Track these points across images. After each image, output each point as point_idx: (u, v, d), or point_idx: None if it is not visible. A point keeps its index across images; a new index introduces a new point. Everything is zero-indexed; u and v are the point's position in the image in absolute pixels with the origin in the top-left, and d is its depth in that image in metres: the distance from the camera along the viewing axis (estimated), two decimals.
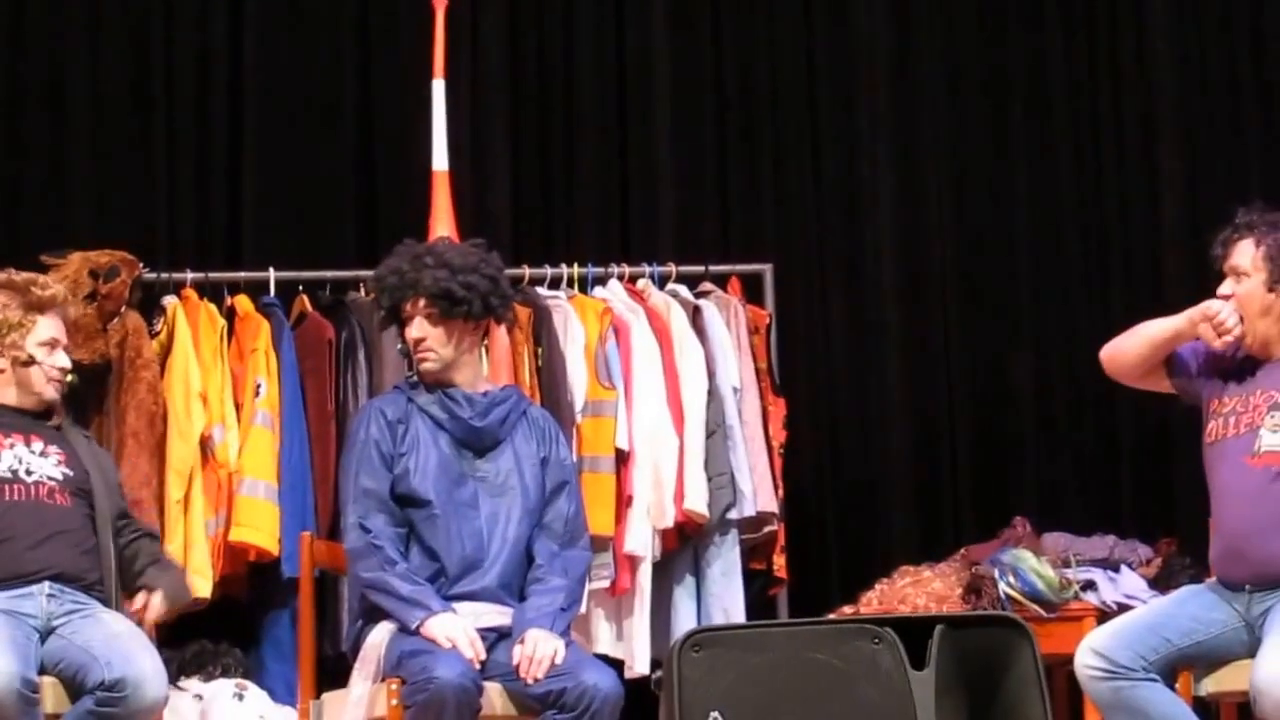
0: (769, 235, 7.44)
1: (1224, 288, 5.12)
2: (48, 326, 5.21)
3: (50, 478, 5.12)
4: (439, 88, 6.50)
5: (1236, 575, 5.01)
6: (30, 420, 5.19)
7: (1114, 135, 7.62)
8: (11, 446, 5.12)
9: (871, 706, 4.25)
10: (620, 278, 6.77)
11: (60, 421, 5.26)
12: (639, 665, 6.42)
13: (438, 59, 6.52)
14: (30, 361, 5.17)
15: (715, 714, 4.24)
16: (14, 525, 5.03)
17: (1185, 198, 7.48)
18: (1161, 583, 6.43)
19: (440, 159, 6.43)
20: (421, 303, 5.19)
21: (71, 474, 5.16)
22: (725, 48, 7.53)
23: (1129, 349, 5.22)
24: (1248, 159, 7.56)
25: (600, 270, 6.77)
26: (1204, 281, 5.23)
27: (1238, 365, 5.15)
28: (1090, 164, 7.62)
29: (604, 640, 6.49)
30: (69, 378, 5.24)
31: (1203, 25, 7.64)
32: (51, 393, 5.21)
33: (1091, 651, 4.94)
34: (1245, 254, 5.09)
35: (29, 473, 5.10)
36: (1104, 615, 6.19)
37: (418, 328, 5.20)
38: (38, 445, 5.15)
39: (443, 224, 6.36)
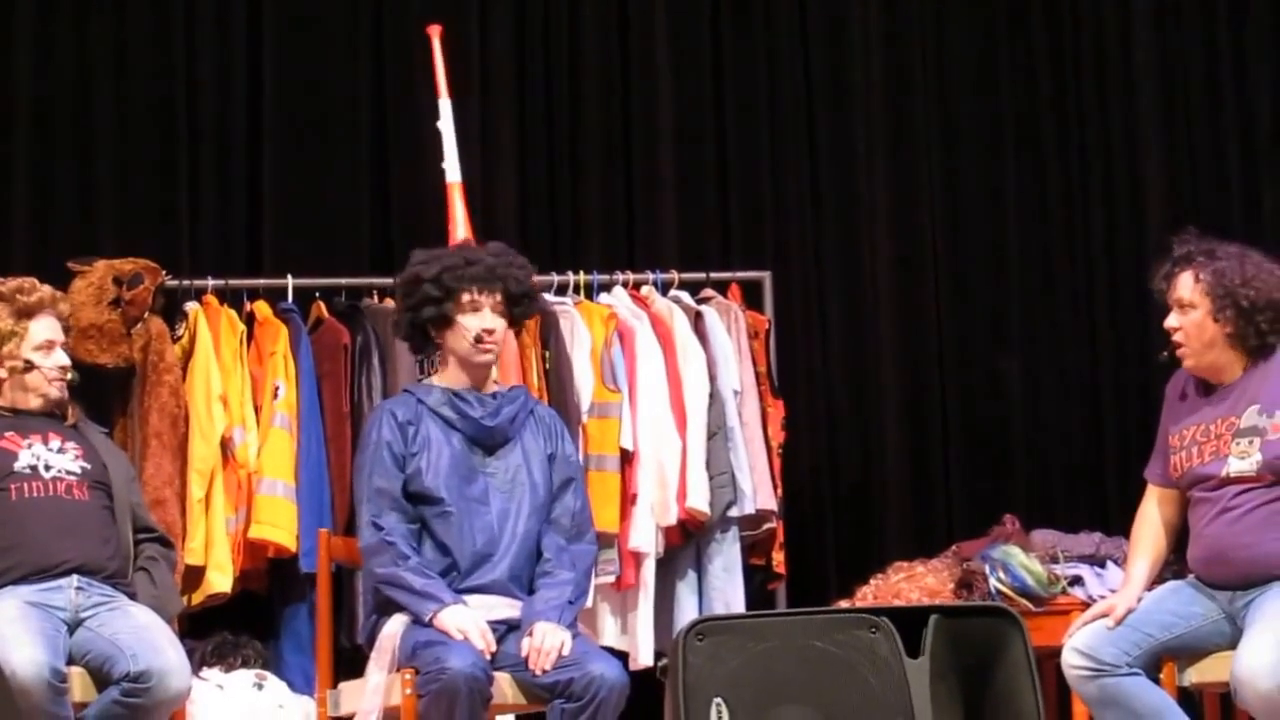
0: (768, 244, 7.48)
1: (1170, 320, 5.13)
2: (41, 329, 5.23)
3: (69, 473, 5.17)
4: (446, 106, 6.48)
5: (1220, 578, 5.05)
6: (46, 420, 5.24)
7: (1101, 150, 7.67)
8: (30, 445, 5.17)
9: (869, 692, 4.35)
10: (625, 285, 6.83)
11: (75, 420, 5.31)
12: (643, 657, 6.47)
13: (440, 83, 6.49)
14: (29, 367, 5.21)
15: (718, 700, 4.34)
16: (35, 521, 5.09)
17: (1168, 207, 7.54)
18: None
19: (453, 171, 6.43)
20: (498, 296, 5.21)
21: (89, 467, 5.21)
22: (725, 62, 7.56)
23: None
24: (1228, 172, 7.65)
25: (605, 277, 6.83)
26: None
27: (1190, 398, 5.17)
28: (1077, 174, 7.68)
29: (609, 633, 6.54)
30: (69, 376, 5.26)
31: (1184, 46, 7.71)
32: (55, 392, 5.25)
33: (1075, 651, 4.99)
34: (1186, 286, 5.09)
35: (47, 468, 5.16)
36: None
37: (491, 319, 5.22)
38: (55, 443, 5.20)
39: (461, 231, 6.35)
